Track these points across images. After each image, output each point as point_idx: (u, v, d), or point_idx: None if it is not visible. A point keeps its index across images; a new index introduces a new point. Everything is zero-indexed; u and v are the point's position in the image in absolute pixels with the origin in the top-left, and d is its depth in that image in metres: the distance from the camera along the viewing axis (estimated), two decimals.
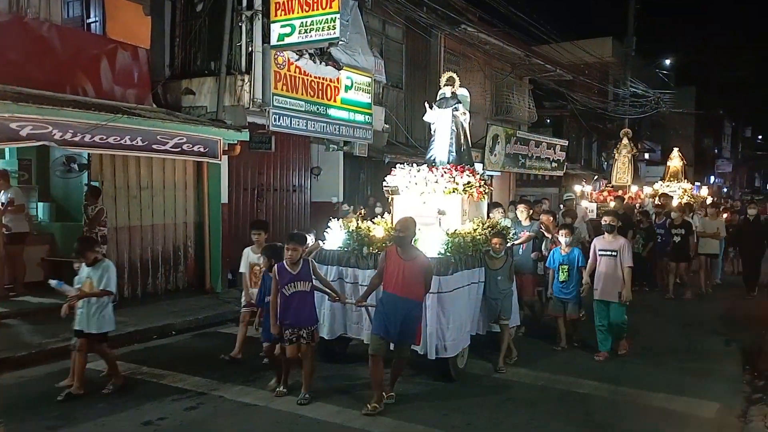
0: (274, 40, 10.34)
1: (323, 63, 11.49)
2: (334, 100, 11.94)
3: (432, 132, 7.88)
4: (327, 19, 9.83)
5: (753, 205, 13.31)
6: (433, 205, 7.22)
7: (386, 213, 8.12)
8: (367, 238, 6.87)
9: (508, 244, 7.41)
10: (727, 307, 10.92)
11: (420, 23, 14.96)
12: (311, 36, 10.03)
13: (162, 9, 11.14)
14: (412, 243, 5.91)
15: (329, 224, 7.22)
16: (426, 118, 7.88)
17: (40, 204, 10.98)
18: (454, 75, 7.98)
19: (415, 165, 7.59)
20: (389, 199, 7.72)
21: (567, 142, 22.61)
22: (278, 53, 10.62)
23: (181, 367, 6.86)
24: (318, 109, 11.57)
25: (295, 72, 11.03)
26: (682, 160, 20.04)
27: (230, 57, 10.58)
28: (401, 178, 7.49)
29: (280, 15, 10.22)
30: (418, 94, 16.66)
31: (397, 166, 7.67)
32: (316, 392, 5.98)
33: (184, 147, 9.17)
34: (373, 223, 7.27)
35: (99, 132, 7.99)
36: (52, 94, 8.56)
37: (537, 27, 18.25)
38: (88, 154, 9.39)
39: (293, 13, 10.10)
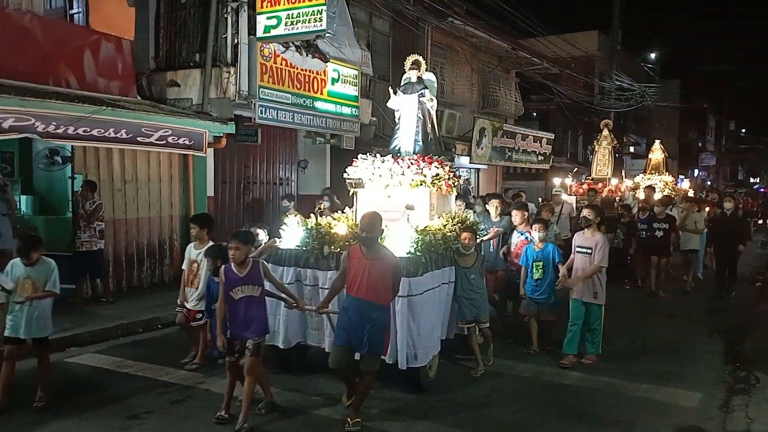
0: (260, 32, 10.27)
1: (310, 55, 11.44)
2: (321, 93, 11.89)
3: (396, 120, 7.32)
4: (313, 11, 9.76)
5: (730, 198, 12.06)
6: (399, 198, 6.62)
7: (346, 208, 7.31)
8: (328, 235, 6.24)
9: (477, 240, 6.93)
10: (708, 301, 10.94)
11: (407, 16, 14.93)
12: (298, 28, 9.96)
13: (146, 0, 11.02)
14: (379, 241, 5.34)
15: (285, 221, 6.58)
16: (390, 104, 7.37)
17: (23, 197, 10.87)
18: (420, 58, 7.33)
19: (378, 155, 6.98)
20: (350, 193, 7.11)
21: (553, 135, 22.73)
22: (264, 45, 10.56)
23: (167, 360, 6.82)
24: (304, 101, 11.52)
25: (281, 64, 10.98)
26: (663, 152, 19.78)
27: (216, 49, 10.49)
28: (364, 169, 6.85)
29: (266, 7, 10.15)
30: None
31: (359, 156, 7.07)
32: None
33: (169, 139, 9.11)
34: (333, 217, 6.74)
35: (83, 124, 7.91)
36: (34, 85, 8.47)
37: (523, 20, 18.29)
38: (72, 146, 9.29)
39: (279, 4, 10.03)
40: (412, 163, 6.68)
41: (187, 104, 10.63)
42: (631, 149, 32.44)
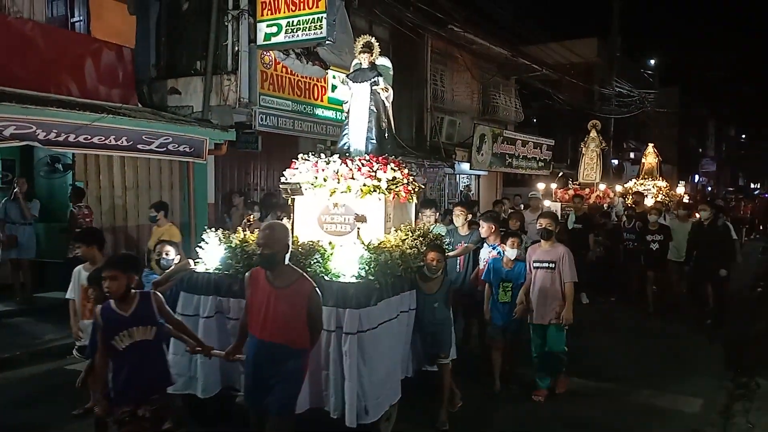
0: (260, 40, 10.31)
1: (310, 63, 11.48)
2: (321, 100, 11.92)
3: (345, 113, 6.21)
4: (314, 18, 9.80)
5: (705, 205, 10.18)
6: (348, 207, 5.53)
7: (284, 219, 6.02)
8: (256, 255, 4.76)
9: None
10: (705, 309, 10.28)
11: (407, 23, 14.98)
12: (298, 36, 10.00)
13: (147, 8, 11.08)
14: (287, 261, 4.04)
15: (204, 237, 5.35)
16: (338, 94, 6.52)
17: None
18: (373, 40, 6.21)
19: (323, 155, 5.86)
20: (288, 201, 5.92)
21: (553, 141, 22.76)
22: (264, 53, 10.61)
23: None
24: (305, 108, 11.56)
25: (281, 72, 11.02)
26: (657, 156, 18.71)
27: (216, 56, 10.53)
28: (305, 172, 5.70)
29: (267, 14, 10.19)
30: (405, 95, 16.67)
31: (300, 156, 5.93)
32: None
33: (170, 147, 9.13)
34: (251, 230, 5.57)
35: (83, 132, 7.94)
36: (36, 93, 8.48)
37: (524, 26, 18.37)
38: (73, 154, 9.32)
39: (280, 12, 10.07)
40: (363, 165, 5.57)
41: (188, 112, 10.66)
42: (631, 155, 32.47)
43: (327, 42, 10.18)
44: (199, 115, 10.50)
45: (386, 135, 6.10)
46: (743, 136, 59.18)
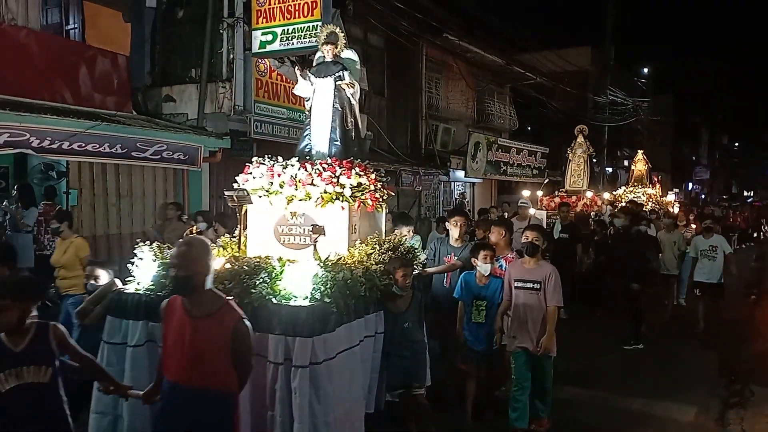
0: (255, 48, 10.35)
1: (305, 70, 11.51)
2: None
3: (307, 111, 5.58)
4: (309, 27, 9.85)
5: (620, 213, 9.40)
6: (308, 217, 4.89)
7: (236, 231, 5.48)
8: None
9: (416, 272, 5.15)
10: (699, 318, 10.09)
11: (402, 32, 15.04)
12: (293, 44, 10.05)
13: (142, 16, 11.11)
14: (210, 285, 3.29)
15: (137, 252, 4.73)
16: (297, 90, 5.67)
17: None
18: (337, 30, 5.62)
19: (280, 158, 5.16)
20: (239, 211, 5.20)
21: (548, 149, 22.85)
22: (260, 61, 10.64)
23: None
24: (300, 116, 11.56)
25: (276, 79, 11.05)
26: (646, 163, 18.37)
27: (211, 64, 10.58)
28: (259, 177, 5.08)
29: (262, 22, 10.23)
30: (400, 103, 16.74)
31: (254, 159, 5.30)
32: None
33: (164, 154, 9.12)
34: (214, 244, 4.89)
35: (78, 139, 7.92)
36: (30, 101, 8.47)
37: (518, 35, 18.49)
38: (67, 161, 9.30)
39: (275, 20, 10.12)
40: (324, 169, 4.91)
41: (183, 119, 10.67)
42: (625, 163, 32.61)
43: None
44: (194, 122, 10.51)
45: (352, 136, 5.46)
46: (736, 144, 59.54)
